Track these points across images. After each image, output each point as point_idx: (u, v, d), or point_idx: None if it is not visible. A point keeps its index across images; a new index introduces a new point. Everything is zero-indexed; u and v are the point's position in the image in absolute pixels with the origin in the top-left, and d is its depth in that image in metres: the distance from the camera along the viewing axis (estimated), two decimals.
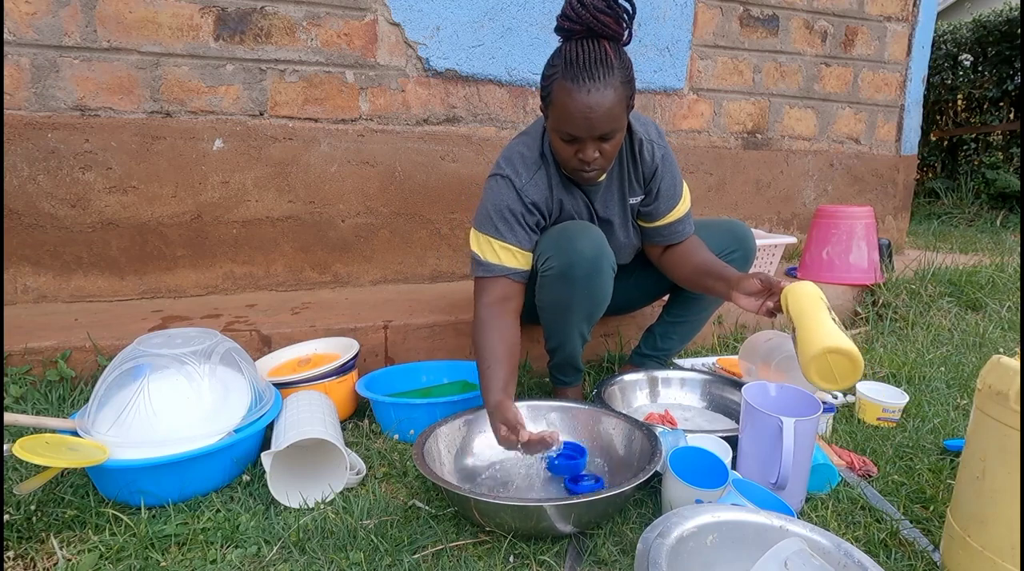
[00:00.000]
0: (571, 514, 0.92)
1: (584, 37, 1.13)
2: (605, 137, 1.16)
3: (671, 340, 1.59)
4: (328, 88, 1.99)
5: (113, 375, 1.12)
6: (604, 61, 1.11)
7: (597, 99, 1.10)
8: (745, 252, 1.47)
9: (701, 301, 1.52)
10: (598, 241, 1.26)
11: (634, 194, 1.38)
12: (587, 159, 1.18)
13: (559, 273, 1.25)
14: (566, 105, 1.12)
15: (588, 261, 1.23)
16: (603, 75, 1.10)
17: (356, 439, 1.34)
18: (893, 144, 2.96)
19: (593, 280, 1.26)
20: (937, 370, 1.74)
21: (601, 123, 1.13)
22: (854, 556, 0.76)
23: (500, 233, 1.27)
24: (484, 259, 1.27)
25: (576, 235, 1.24)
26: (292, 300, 1.92)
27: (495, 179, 1.30)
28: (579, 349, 1.41)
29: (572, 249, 1.23)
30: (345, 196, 2.06)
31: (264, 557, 0.92)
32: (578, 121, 1.13)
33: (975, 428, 0.86)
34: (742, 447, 1.11)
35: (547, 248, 1.27)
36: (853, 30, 2.74)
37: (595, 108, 1.11)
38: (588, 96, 1.10)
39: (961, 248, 3.48)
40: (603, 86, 1.10)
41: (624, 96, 1.14)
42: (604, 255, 1.26)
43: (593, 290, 1.28)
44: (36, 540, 0.95)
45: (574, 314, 1.31)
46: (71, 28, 1.73)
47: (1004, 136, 5.72)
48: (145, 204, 1.87)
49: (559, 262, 1.24)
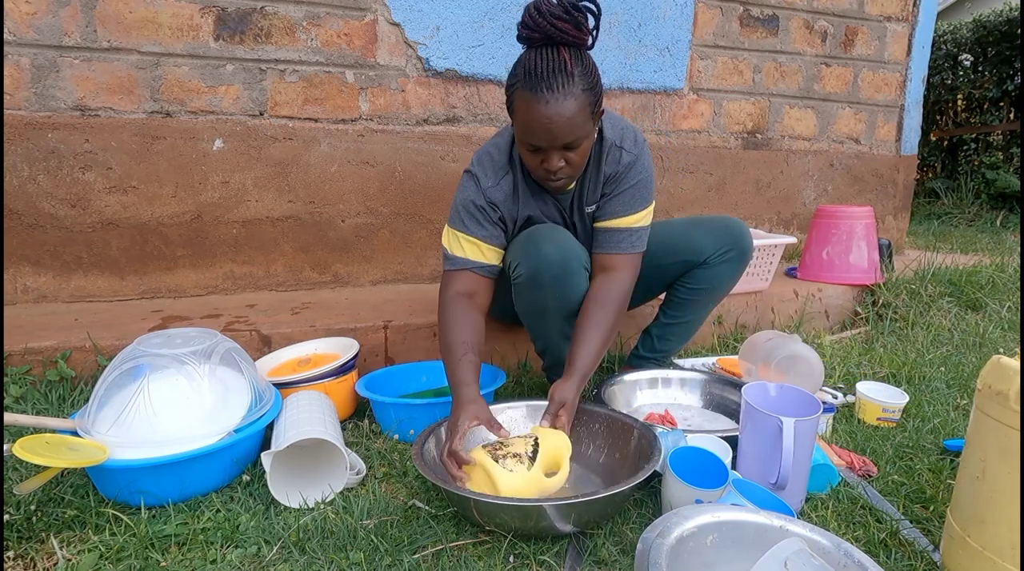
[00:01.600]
0: (571, 514, 0.92)
1: (543, 45, 1.10)
2: (569, 146, 1.14)
3: (668, 341, 1.58)
4: (328, 88, 1.99)
5: (113, 375, 1.12)
6: (563, 70, 1.08)
7: (557, 109, 1.08)
8: (739, 252, 1.45)
9: (697, 301, 1.51)
10: (564, 243, 1.24)
11: (589, 202, 1.35)
12: (552, 169, 1.17)
13: (528, 279, 1.25)
14: (527, 116, 1.11)
15: (555, 264, 1.23)
16: (562, 84, 1.08)
17: (356, 439, 1.34)
18: (893, 144, 2.96)
19: (563, 282, 1.26)
20: (937, 370, 1.74)
21: (562, 133, 1.11)
22: (854, 556, 0.76)
23: (467, 227, 1.28)
24: (451, 253, 1.29)
25: (541, 240, 1.24)
26: (292, 300, 1.92)
27: (466, 175, 1.32)
28: (565, 348, 1.38)
29: (537, 254, 1.23)
30: (345, 196, 2.06)
31: (264, 557, 0.92)
32: (539, 132, 1.11)
33: (975, 428, 0.86)
34: (742, 447, 1.11)
35: (515, 255, 1.27)
36: (853, 30, 2.74)
37: (555, 119, 1.09)
38: (547, 107, 1.08)
39: (961, 248, 3.48)
40: (562, 96, 1.08)
41: (586, 103, 1.11)
42: (571, 256, 1.25)
43: (565, 292, 1.27)
44: (36, 540, 0.95)
45: (551, 316, 1.32)
46: (71, 28, 1.73)
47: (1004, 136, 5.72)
48: (145, 204, 1.87)
49: (526, 269, 1.24)
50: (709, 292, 1.49)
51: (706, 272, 1.45)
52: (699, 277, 1.46)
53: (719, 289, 1.49)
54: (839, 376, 1.70)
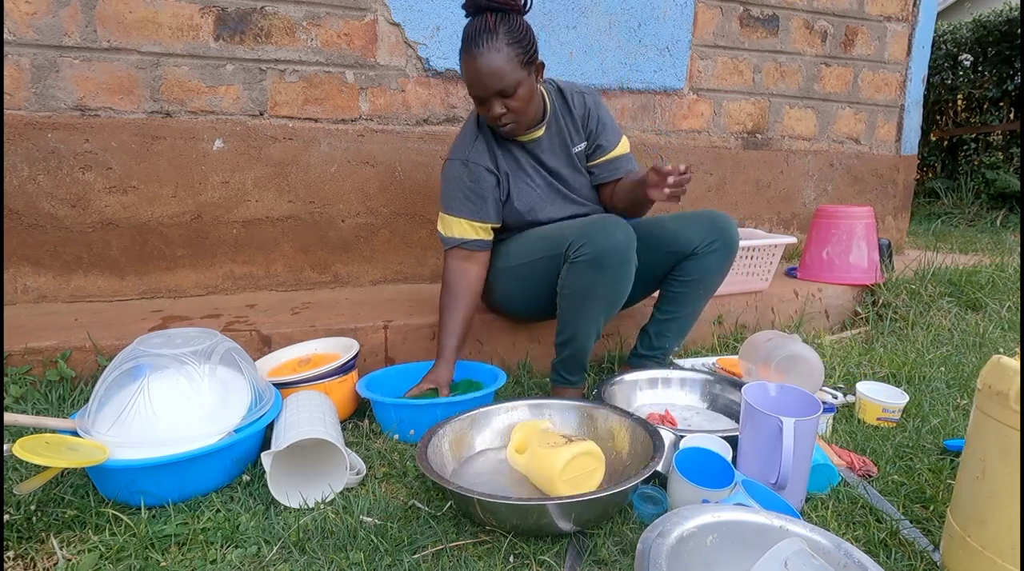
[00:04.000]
0: (571, 512, 0.92)
1: (475, 14, 1.35)
2: (503, 93, 1.35)
3: (666, 338, 1.59)
4: (328, 88, 1.99)
5: (113, 375, 1.12)
6: (487, 29, 1.31)
7: (484, 62, 1.31)
8: (725, 242, 1.48)
9: (690, 294, 1.53)
10: (630, 234, 1.33)
11: (576, 142, 1.56)
12: (495, 115, 1.38)
13: (592, 259, 1.32)
14: (465, 71, 1.36)
15: (620, 250, 1.31)
16: (487, 40, 1.31)
17: (356, 439, 1.34)
18: (893, 144, 2.96)
19: (621, 269, 1.33)
20: (937, 370, 1.74)
21: (491, 81, 1.32)
22: (854, 556, 0.76)
23: (455, 209, 1.49)
24: (444, 235, 1.50)
25: (611, 225, 1.33)
26: (292, 300, 1.92)
27: (447, 164, 1.52)
28: (591, 344, 1.44)
29: (608, 236, 1.31)
30: (345, 196, 2.06)
31: (264, 557, 0.92)
32: (474, 83, 1.35)
33: (975, 428, 0.86)
34: (742, 447, 1.11)
35: (580, 236, 1.34)
36: (853, 30, 2.74)
37: (483, 69, 1.31)
38: (476, 60, 1.31)
39: (961, 248, 3.48)
40: (487, 50, 1.31)
41: (512, 55, 1.32)
42: (632, 248, 1.34)
43: (620, 279, 1.35)
44: (36, 540, 0.95)
45: (597, 303, 1.37)
46: (71, 28, 1.73)
47: (1004, 136, 5.72)
48: (145, 204, 1.87)
49: (594, 249, 1.31)
50: (699, 284, 1.52)
51: (695, 264, 1.49)
52: (689, 269, 1.50)
53: (709, 280, 1.52)
54: (839, 376, 1.70)
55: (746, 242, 2.03)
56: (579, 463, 1.04)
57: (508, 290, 1.60)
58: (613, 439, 1.21)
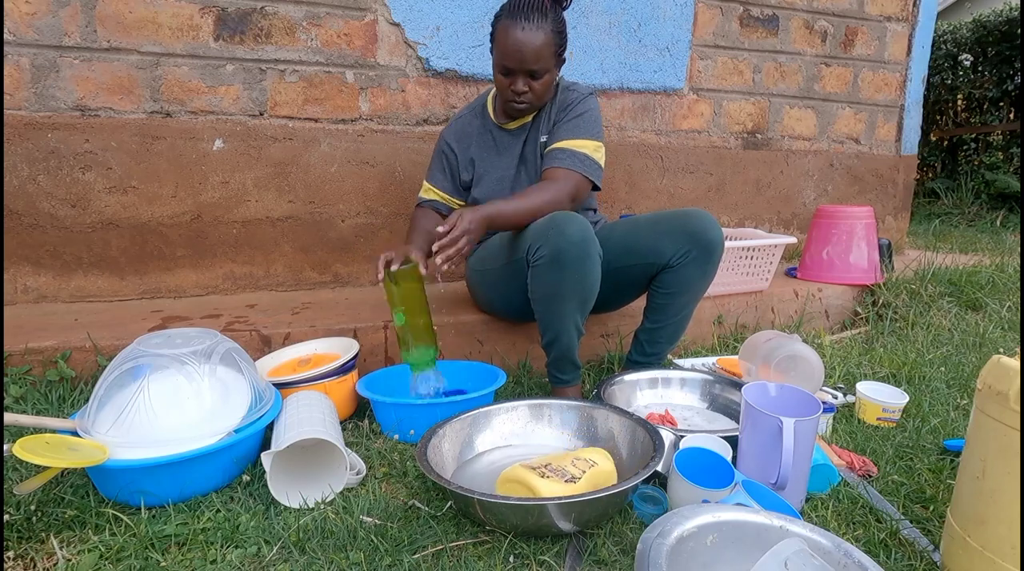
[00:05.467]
0: (571, 512, 0.92)
1: None
2: (534, 74, 1.39)
3: (658, 344, 1.56)
4: (328, 88, 1.99)
5: (113, 375, 1.12)
6: (540, 8, 1.35)
7: (529, 36, 1.33)
8: (701, 250, 1.38)
9: (673, 305, 1.48)
10: (584, 227, 1.30)
11: (543, 133, 1.57)
12: (518, 90, 1.41)
13: (550, 259, 1.29)
14: (504, 40, 1.36)
15: (577, 245, 1.28)
16: (537, 19, 1.34)
17: (356, 439, 1.34)
18: (893, 144, 2.96)
19: (583, 264, 1.30)
20: (937, 370, 1.74)
21: (530, 58, 1.35)
22: (854, 556, 0.76)
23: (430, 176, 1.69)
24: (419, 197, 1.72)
25: (563, 222, 1.29)
26: (292, 300, 1.92)
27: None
28: (575, 341, 1.42)
29: (561, 235, 1.28)
30: (345, 196, 2.06)
31: (264, 557, 0.92)
32: (512, 54, 1.36)
33: (975, 428, 0.86)
34: (742, 447, 1.11)
35: (536, 237, 1.32)
36: (853, 30, 2.74)
37: (527, 43, 1.33)
38: (522, 33, 1.33)
39: (961, 248, 3.48)
40: (535, 27, 1.33)
41: (553, 43, 1.37)
42: (591, 240, 1.30)
43: (584, 274, 1.31)
44: (36, 540, 0.95)
45: (567, 302, 1.34)
46: (71, 28, 1.73)
47: (1004, 136, 5.72)
48: (145, 204, 1.87)
49: (549, 249, 1.29)
50: (681, 295, 1.46)
51: (673, 276, 1.43)
52: (668, 281, 1.45)
53: (691, 291, 1.46)
54: (839, 376, 1.70)
55: (746, 242, 2.03)
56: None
57: (489, 295, 1.65)
58: (613, 439, 1.21)
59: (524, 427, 1.28)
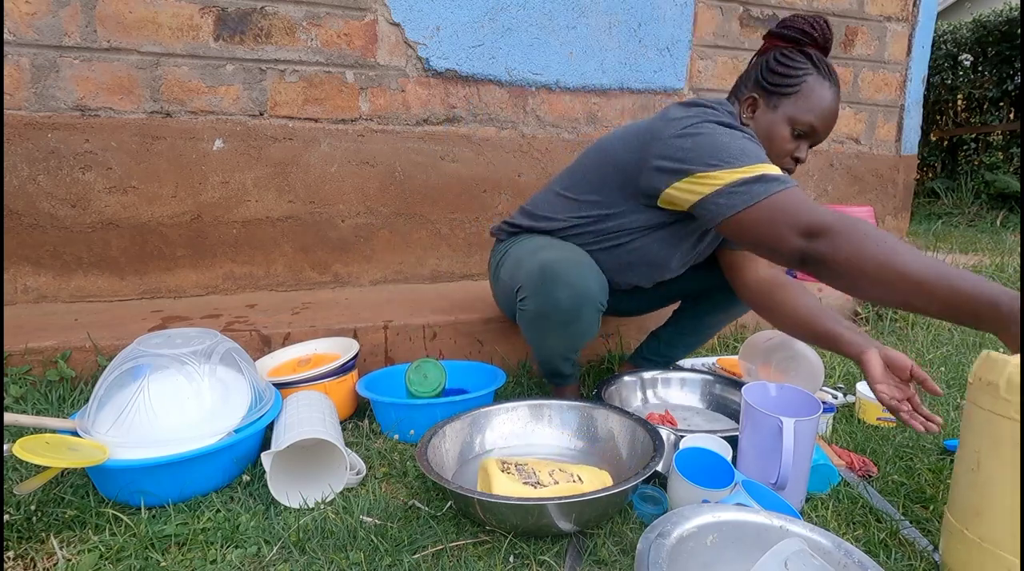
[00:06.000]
0: (572, 512, 0.92)
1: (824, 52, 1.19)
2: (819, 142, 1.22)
3: (676, 348, 1.57)
4: (328, 88, 1.99)
5: (113, 375, 1.12)
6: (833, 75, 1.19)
7: (838, 106, 1.19)
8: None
9: (715, 316, 1.50)
10: (580, 287, 1.15)
11: None
12: (800, 157, 1.21)
13: (535, 314, 1.20)
14: (821, 103, 1.16)
15: (564, 311, 1.16)
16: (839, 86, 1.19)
17: (356, 439, 1.34)
18: (893, 144, 2.96)
19: (571, 326, 1.20)
20: (937, 370, 1.74)
21: (832, 126, 1.20)
22: (854, 556, 0.76)
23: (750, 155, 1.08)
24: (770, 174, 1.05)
25: (556, 278, 1.14)
26: (292, 300, 1.92)
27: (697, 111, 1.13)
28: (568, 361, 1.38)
29: (548, 296, 1.15)
30: (345, 196, 2.06)
31: (264, 557, 0.92)
32: (827, 120, 1.18)
33: (968, 421, 0.87)
34: (742, 447, 1.11)
35: (526, 281, 1.19)
36: (853, 30, 2.74)
37: (837, 113, 1.19)
38: (836, 101, 1.17)
39: (961, 248, 3.48)
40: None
41: None
42: (586, 302, 1.16)
43: (572, 332, 1.22)
44: (36, 540, 0.95)
45: (556, 347, 1.30)
46: (71, 28, 1.73)
47: (1004, 136, 5.72)
48: (145, 204, 1.87)
49: (534, 305, 1.19)
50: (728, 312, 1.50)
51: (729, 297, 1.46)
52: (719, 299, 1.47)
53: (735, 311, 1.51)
54: (839, 376, 1.70)
55: None
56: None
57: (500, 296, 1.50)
58: (613, 439, 1.21)
59: (524, 427, 1.28)
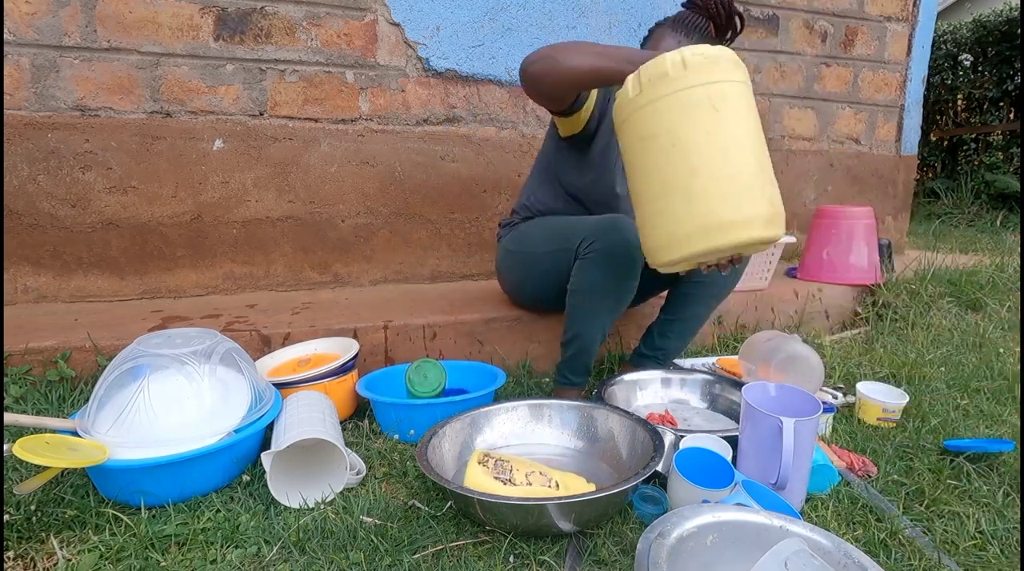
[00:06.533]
0: (571, 512, 0.92)
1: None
2: None
3: (668, 338, 1.59)
4: (328, 88, 1.99)
5: (113, 375, 1.12)
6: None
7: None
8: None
9: (697, 297, 1.53)
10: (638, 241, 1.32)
11: None
12: None
13: (603, 256, 1.33)
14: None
15: (633, 248, 1.31)
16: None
17: (356, 439, 1.34)
18: (893, 144, 2.96)
19: (630, 269, 1.34)
20: (937, 370, 1.74)
21: None
22: (854, 556, 0.76)
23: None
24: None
25: (621, 224, 1.33)
26: (292, 300, 1.92)
27: None
28: (596, 344, 1.45)
29: (618, 233, 1.32)
30: (345, 196, 2.06)
31: (264, 557, 0.92)
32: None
33: (653, 119, 0.98)
34: (742, 447, 1.11)
35: (591, 233, 1.35)
36: (853, 30, 2.74)
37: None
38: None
39: (961, 248, 3.48)
40: None
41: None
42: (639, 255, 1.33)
43: (628, 276, 1.35)
44: (36, 540, 0.95)
45: (605, 300, 1.37)
46: (71, 28, 1.73)
47: (1004, 136, 5.72)
48: (145, 204, 1.87)
49: (603, 245, 1.33)
50: (710, 285, 1.52)
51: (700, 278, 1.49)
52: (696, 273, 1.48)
53: (720, 285, 1.52)
54: (839, 376, 1.70)
55: None
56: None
57: (522, 277, 1.63)
58: (613, 439, 1.21)
59: (524, 427, 1.28)
